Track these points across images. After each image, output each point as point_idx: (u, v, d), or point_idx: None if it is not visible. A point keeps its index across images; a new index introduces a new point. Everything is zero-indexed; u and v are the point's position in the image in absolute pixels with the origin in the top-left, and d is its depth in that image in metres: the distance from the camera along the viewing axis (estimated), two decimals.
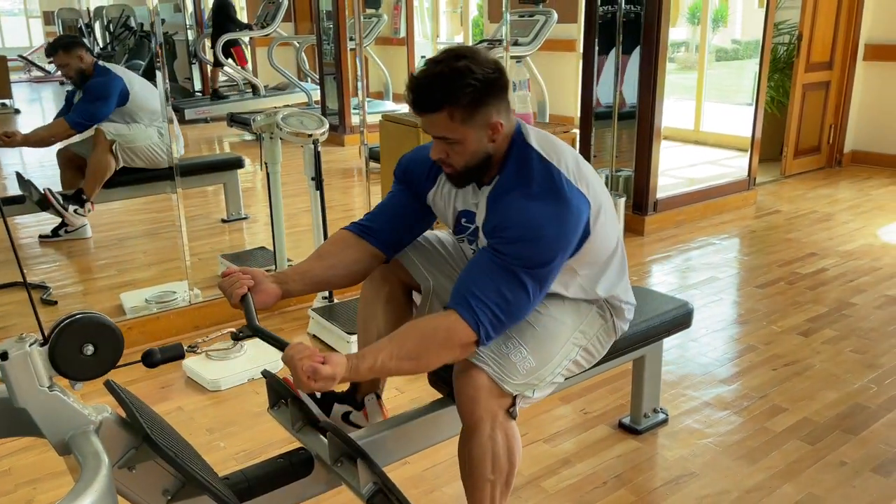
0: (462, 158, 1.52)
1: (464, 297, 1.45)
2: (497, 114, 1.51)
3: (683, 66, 11.86)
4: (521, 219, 1.48)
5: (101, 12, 8.58)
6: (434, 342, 1.45)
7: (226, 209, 4.53)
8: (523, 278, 1.46)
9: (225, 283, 1.57)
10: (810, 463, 2.12)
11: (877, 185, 5.32)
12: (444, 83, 1.44)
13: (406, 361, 1.44)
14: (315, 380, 1.36)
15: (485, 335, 1.45)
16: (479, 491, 1.59)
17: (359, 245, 1.69)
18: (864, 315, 3.13)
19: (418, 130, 3.62)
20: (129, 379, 2.63)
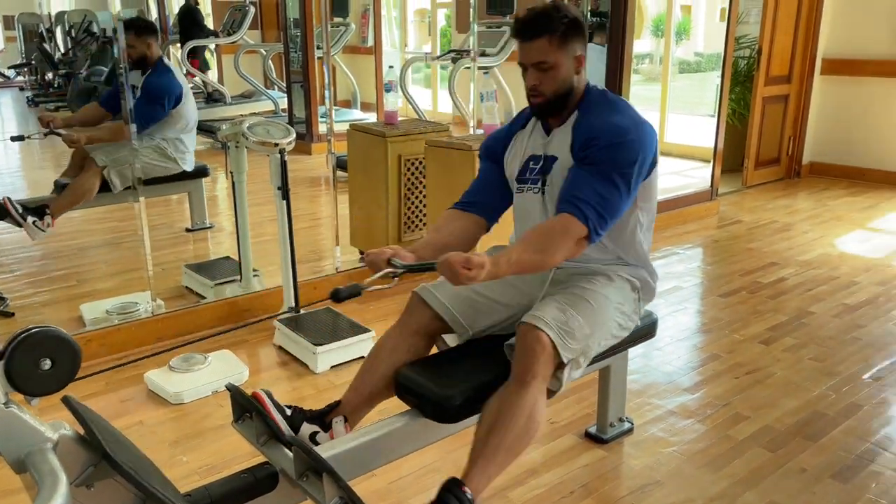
0: (553, 83, 1.82)
1: (570, 202, 1.73)
2: (581, 49, 1.84)
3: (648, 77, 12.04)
4: (608, 128, 1.78)
5: (62, 17, 8.42)
6: (555, 237, 1.71)
7: (190, 218, 4.46)
8: (616, 180, 1.75)
9: (370, 258, 1.75)
10: (772, 470, 2.16)
11: (834, 196, 5.46)
12: (545, 15, 1.78)
13: (536, 254, 1.69)
14: (469, 267, 1.54)
15: (593, 229, 1.73)
16: (501, 437, 1.65)
17: (466, 216, 1.98)
18: (823, 323, 3.20)
19: (385, 139, 3.62)
20: (89, 393, 2.57)
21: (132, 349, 2.88)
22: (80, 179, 3.71)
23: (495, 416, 1.68)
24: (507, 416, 1.66)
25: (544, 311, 1.76)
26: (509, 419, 1.66)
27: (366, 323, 3.02)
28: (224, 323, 3.13)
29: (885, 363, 2.83)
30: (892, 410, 2.49)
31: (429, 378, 1.80)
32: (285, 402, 2.54)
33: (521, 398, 1.67)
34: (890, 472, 2.14)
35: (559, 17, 1.77)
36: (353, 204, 3.99)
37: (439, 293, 1.93)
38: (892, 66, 5.50)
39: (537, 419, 1.68)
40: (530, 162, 1.93)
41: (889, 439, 2.31)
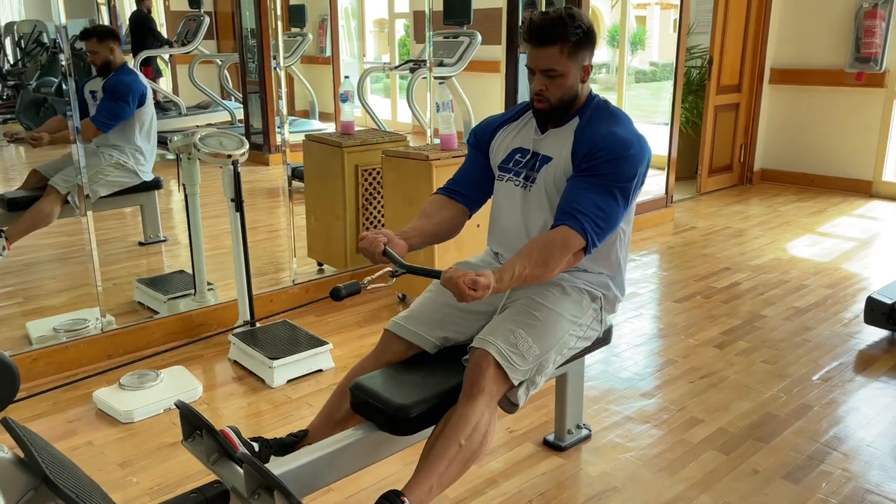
0: (559, 91, 1.83)
1: (569, 213, 1.76)
2: (590, 59, 1.85)
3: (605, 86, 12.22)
4: (612, 141, 1.79)
5: (11, 28, 8.21)
6: (555, 250, 1.74)
7: (143, 232, 4.37)
8: (614, 192, 1.78)
9: (364, 243, 1.79)
10: (725, 472, 2.19)
11: (784, 202, 5.60)
12: (560, 23, 1.77)
13: (537, 268, 1.72)
14: (475, 289, 1.59)
15: (591, 241, 1.76)
16: (445, 449, 1.66)
17: (452, 204, 2.02)
18: (774, 326, 3.27)
19: (342, 150, 3.59)
20: (34, 413, 2.49)
21: (81, 367, 2.80)
22: (40, 205, 3.65)
23: (441, 428, 1.69)
24: (452, 429, 1.67)
25: (495, 332, 1.78)
26: (454, 432, 1.66)
27: (323, 336, 2.99)
28: (178, 338, 3.06)
29: (834, 364, 2.90)
30: (840, 410, 2.55)
31: (384, 390, 1.78)
32: (242, 417, 2.51)
33: (468, 412, 1.68)
34: (839, 472, 2.19)
35: (574, 27, 1.77)
36: (310, 215, 3.95)
37: (411, 325, 1.94)
38: (836, 75, 5.68)
39: (483, 433, 1.69)
40: (516, 154, 1.96)
41: (838, 439, 2.36)
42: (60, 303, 3.46)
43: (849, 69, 5.55)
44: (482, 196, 2.06)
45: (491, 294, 1.64)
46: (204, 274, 3.30)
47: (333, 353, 2.86)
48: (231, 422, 2.49)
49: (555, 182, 1.87)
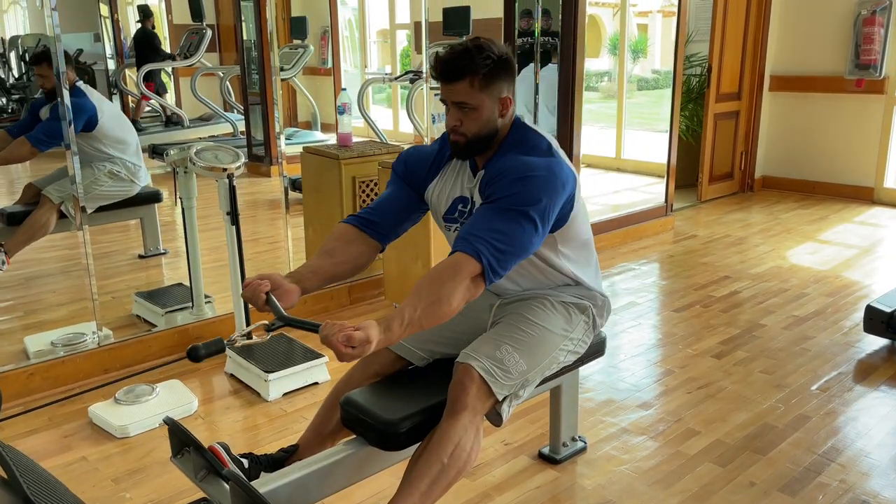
0: (475, 125, 1.73)
1: (462, 238, 1.64)
2: (507, 90, 1.76)
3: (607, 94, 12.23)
4: (515, 165, 1.70)
5: (16, 41, 8.28)
6: (445, 279, 1.58)
7: (143, 244, 4.38)
8: (518, 214, 1.64)
9: (247, 292, 1.67)
10: (722, 485, 2.17)
11: (785, 209, 5.58)
12: (467, 55, 1.68)
13: (431, 307, 1.56)
14: (353, 346, 1.44)
15: (487, 263, 1.60)
16: (427, 467, 1.64)
17: (361, 238, 1.86)
18: (773, 335, 3.25)
19: (339, 161, 3.60)
20: (30, 429, 2.49)
21: (77, 382, 2.80)
22: (35, 216, 3.66)
23: (424, 446, 1.68)
24: (434, 447, 1.66)
25: (480, 347, 1.77)
26: (436, 450, 1.65)
27: (320, 348, 2.98)
28: (174, 352, 3.06)
29: (833, 373, 2.88)
30: (838, 421, 2.53)
31: (373, 405, 1.77)
32: (237, 431, 2.51)
33: (450, 428, 1.67)
34: (836, 484, 2.17)
35: (482, 59, 1.67)
36: (308, 227, 3.96)
37: None
38: (836, 82, 5.66)
39: (466, 449, 1.67)
40: (458, 204, 1.86)
41: (836, 450, 2.34)
42: (59, 317, 3.47)
43: (848, 76, 5.54)
44: (398, 230, 1.92)
45: (377, 348, 1.49)
46: (201, 287, 3.30)
47: (329, 366, 2.86)
48: (226, 436, 2.48)
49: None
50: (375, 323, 1.50)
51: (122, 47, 9.26)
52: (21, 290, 3.91)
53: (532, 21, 4.19)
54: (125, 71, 8.32)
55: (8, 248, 3.65)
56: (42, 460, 2.30)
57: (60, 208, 3.64)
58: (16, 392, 2.67)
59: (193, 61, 7.68)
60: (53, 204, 3.62)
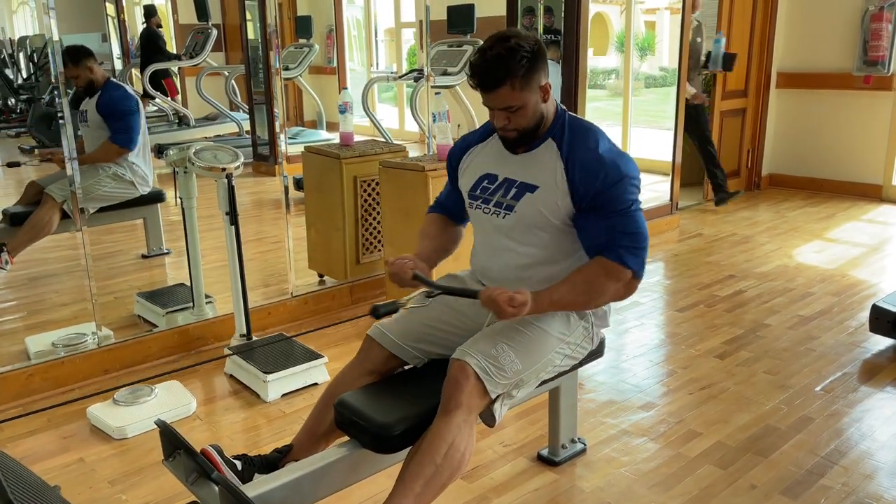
0: (524, 120, 1.79)
1: (600, 249, 1.78)
2: (545, 77, 1.79)
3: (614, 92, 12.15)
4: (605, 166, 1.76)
5: (24, 42, 8.31)
6: (600, 282, 1.79)
7: (146, 244, 4.39)
8: (632, 214, 1.78)
9: (394, 269, 1.83)
10: (722, 487, 2.15)
11: (792, 207, 5.53)
12: (502, 62, 1.70)
13: (580, 297, 1.79)
14: (514, 306, 1.65)
15: (636, 266, 1.77)
16: (420, 468, 1.63)
17: (448, 222, 2.11)
18: (778, 336, 3.22)
19: (340, 161, 3.59)
20: (28, 430, 2.50)
21: (77, 383, 2.80)
22: (38, 215, 3.66)
23: (418, 447, 1.67)
24: (427, 448, 1.64)
25: (475, 344, 1.76)
26: (430, 451, 1.64)
27: (320, 348, 2.98)
28: (175, 352, 3.06)
29: (837, 374, 2.84)
30: (842, 422, 2.49)
31: (368, 407, 1.76)
32: (236, 432, 2.50)
33: (443, 428, 1.65)
34: (839, 487, 2.14)
35: (517, 60, 1.69)
36: (310, 226, 3.95)
37: (392, 333, 1.92)
38: (844, 79, 5.60)
39: (460, 449, 1.65)
40: (484, 181, 1.92)
41: (839, 452, 2.31)
42: (61, 317, 3.47)
43: (856, 72, 5.48)
44: (466, 212, 2.05)
45: (529, 314, 1.70)
46: (202, 287, 3.30)
47: (329, 367, 2.85)
48: (225, 437, 2.48)
49: (542, 213, 1.82)
50: (528, 292, 1.70)
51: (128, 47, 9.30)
52: (24, 290, 3.92)
53: (534, 19, 4.17)
54: (132, 71, 8.35)
55: (11, 248, 3.66)
56: (40, 462, 2.31)
57: (63, 207, 3.64)
58: (15, 393, 2.67)
59: (199, 61, 7.69)
60: (56, 203, 3.62)
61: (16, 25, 7.98)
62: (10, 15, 8.21)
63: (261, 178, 6.79)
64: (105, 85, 3.83)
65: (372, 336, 1.93)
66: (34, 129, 6.53)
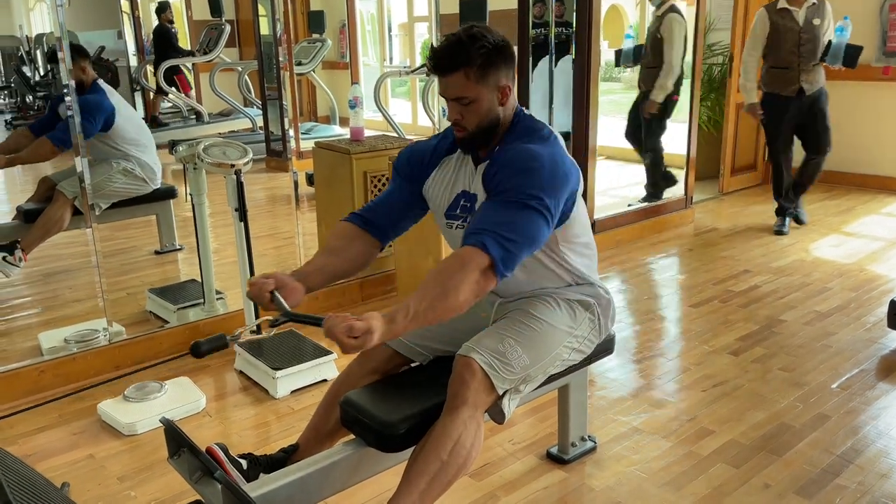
0: (475, 118, 1.69)
1: (471, 233, 1.58)
2: (506, 78, 1.70)
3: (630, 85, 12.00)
4: (519, 156, 1.65)
5: (41, 39, 8.38)
6: (453, 272, 1.54)
7: (159, 240, 4.40)
8: (522, 206, 1.59)
9: (252, 291, 1.67)
10: (735, 487, 2.11)
11: (810, 201, 5.44)
12: (460, 47, 1.64)
13: (437, 301, 1.52)
14: (355, 336, 1.44)
15: (497, 255, 1.54)
16: (426, 465, 1.61)
17: (362, 237, 1.85)
18: (794, 332, 3.17)
19: (350, 156, 3.57)
20: (39, 426, 2.51)
21: (88, 378, 2.81)
22: (49, 211, 3.67)
23: (423, 443, 1.65)
24: (433, 445, 1.62)
25: (482, 340, 1.73)
26: (435, 447, 1.62)
27: (330, 345, 2.97)
28: (186, 348, 3.03)
29: (854, 371, 2.79)
30: (858, 420, 2.45)
31: (372, 405, 1.75)
32: (244, 429, 2.50)
33: (449, 424, 1.63)
34: (855, 486, 2.10)
35: (476, 49, 1.63)
36: (321, 222, 3.94)
37: None
38: (862, 70, 5.49)
39: (466, 445, 1.63)
40: (462, 199, 1.80)
41: (855, 451, 2.27)
42: (74, 313, 3.49)
43: (875, 63, 5.38)
44: (397, 229, 1.91)
45: (381, 340, 1.47)
46: (213, 283, 3.30)
47: (338, 363, 2.84)
48: (234, 433, 2.48)
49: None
50: (379, 314, 1.48)
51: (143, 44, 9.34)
52: (39, 286, 3.95)
53: (545, 9, 4.11)
54: (146, 67, 8.39)
55: (24, 245, 3.68)
56: (50, 458, 2.32)
57: (75, 204, 3.65)
58: (27, 389, 2.69)
59: (212, 56, 7.71)
60: (67, 199, 3.64)
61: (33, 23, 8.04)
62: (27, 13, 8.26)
63: (274, 173, 6.79)
64: (90, 86, 3.79)
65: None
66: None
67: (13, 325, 3.42)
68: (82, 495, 2.10)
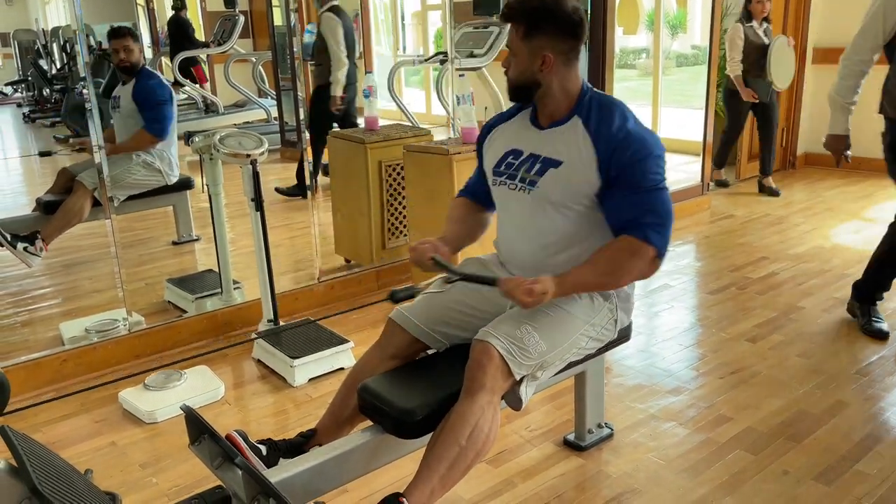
0: (514, 71, 1.80)
1: (625, 225, 1.76)
2: (551, 49, 1.75)
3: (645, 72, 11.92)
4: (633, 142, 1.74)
5: (57, 32, 8.43)
6: (623, 260, 1.75)
7: (176, 231, 4.44)
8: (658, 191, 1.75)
9: (414, 255, 1.85)
10: (753, 473, 2.11)
11: (829, 187, 5.39)
12: (528, 1, 1.74)
13: (604, 277, 1.77)
14: (533, 296, 1.65)
15: (660, 244, 1.75)
16: (445, 450, 1.63)
17: (476, 207, 2.07)
18: (812, 318, 3.14)
19: (365, 146, 3.58)
20: (63, 414, 2.55)
21: (110, 367, 2.85)
22: (69, 202, 3.71)
23: (441, 429, 1.66)
24: (451, 430, 1.63)
25: (499, 326, 1.73)
26: (453, 433, 1.63)
27: (346, 333, 2.99)
28: (204, 337, 3.10)
29: (874, 357, 2.77)
30: (878, 407, 2.43)
31: (390, 392, 1.76)
32: (263, 417, 2.53)
33: (467, 409, 1.64)
34: (875, 472, 2.08)
35: (528, 10, 1.73)
36: (336, 212, 3.95)
37: (415, 316, 1.91)
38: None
39: (484, 430, 1.64)
40: (509, 156, 1.90)
41: (874, 438, 2.25)
42: (95, 303, 3.53)
43: None
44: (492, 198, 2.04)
45: (553, 298, 1.70)
46: (230, 273, 3.33)
47: (355, 351, 2.85)
48: (252, 421, 2.50)
49: (565, 188, 1.79)
50: (550, 278, 1.70)
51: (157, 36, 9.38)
52: (60, 276, 4.00)
53: None
54: (161, 59, 8.43)
55: (45, 236, 3.72)
56: (73, 445, 2.36)
57: (94, 195, 3.69)
58: (49, 378, 2.73)
59: (227, 48, 7.73)
60: (87, 190, 3.68)
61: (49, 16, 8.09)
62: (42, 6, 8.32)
63: (288, 164, 6.80)
64: (140, 72, 3.87)
65: (394, 320, 1.92)
66: (68, 119, 6.63)
67: (35, 316, 3.47)
68: (105, 482, 2.13)
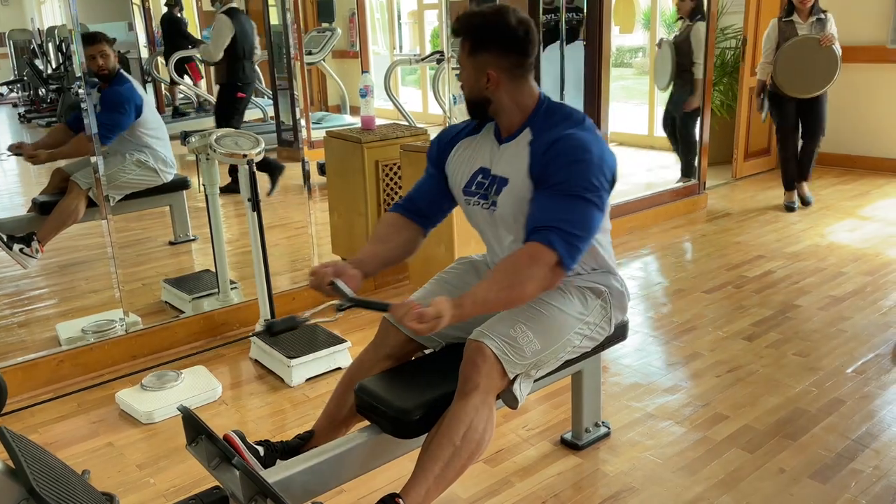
0: (465, 88, 1.76)
1: (533, 228, 1.64)
2: (495, 66, 1.69)
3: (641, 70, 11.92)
4: (569, 146, 1.65)
5: (53, 32, 8.41)
6: (522, 269, 1.61)
7: (173, 231, 4.43)
8: (579, 199, 1.62)
9: (314, 280, 1.73)
10: (749, 472, 2.12)
11: (825, 185, 5.40)
12: (472, 18, 1.69)
13: (505, 291, 1.61)
14: (423, 322, 1.51)
15: (565, 253, 1.61)
16: (440, 450, 1.62)
17: (409, 225, 1.93)
18: (808, 317, 3.15)
19: (362, 146, 3.58)
20: (60, 415, 2.55)
21: (106, 368, 2.85)
22: (64, 203, 3.69)
23: (437, 429, 1.66)
24: (446, 430, 1.64)
25: (493, 325, 1.73)
26: (448, 433, 1.63)
27: (344, 333, 2.99)
28: (201, 338, 3.10)
29: (870, 355, 2.78)
30: (874, 405, 2.44)
31: (387, 392, 1.76)
32: (260, 417, 2.53)
33: (461, 409, 1.64)
34: (870, 470, 2.09)
35: (472, 27, 1.68)
36: (333, 211, 3.95)
37: None
38: (877, 52, 5.43)
39: (479, 430, 1.64)
40: (479, 175, 1.83)
41: (870, 435, 2.26)
42: (91, 304, 3.53)
43: (891, 45, 5.31)
44: (439, 215, 1.97)
45: (450, 323, 1.54)
46: (227, 273, 3.32)
47: (352, 351, 2.85)
48: (250, 421, 2.50)
49: (514, 206, 1.74)
50: (447, 300, 1.55)
51: (153, 35, 9.36)
52: (56, 277, 3.99)
53: None
54: (157, 59, 8.42)
55: (40, 237, 3.71)
56: (70, 446, 2.35)
57: (89, 195, 3.68)
58: (46, 379, 2.72)
59: None
60: (81, 190, 3.66)
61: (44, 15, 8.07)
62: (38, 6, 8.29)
63: (286, 163, 6.80)
64: (116, 76, 3.82)
65: (389, 320, 1.92)
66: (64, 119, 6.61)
67: (31, 316, 3.46)
68: (102, 482, 2.13)
